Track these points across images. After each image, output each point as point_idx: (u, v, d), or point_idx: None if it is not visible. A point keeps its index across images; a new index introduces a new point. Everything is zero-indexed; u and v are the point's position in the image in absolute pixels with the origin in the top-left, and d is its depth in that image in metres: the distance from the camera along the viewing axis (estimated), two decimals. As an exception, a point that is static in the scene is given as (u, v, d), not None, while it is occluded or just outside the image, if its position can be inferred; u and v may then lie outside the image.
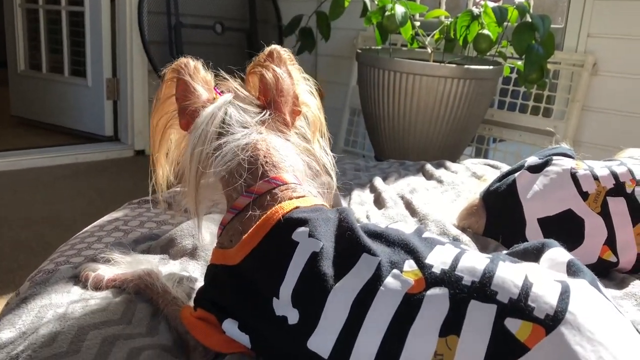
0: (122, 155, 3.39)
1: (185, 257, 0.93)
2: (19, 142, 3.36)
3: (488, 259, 0.60)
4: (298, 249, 0.63)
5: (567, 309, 0.54)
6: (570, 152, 1.17)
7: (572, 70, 2.70)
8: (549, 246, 0.69)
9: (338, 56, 3.48)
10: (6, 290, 1.89)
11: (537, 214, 1.05)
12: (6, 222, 2.40)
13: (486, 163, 1.61)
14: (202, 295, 0.72)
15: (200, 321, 0.70)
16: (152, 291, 0.78)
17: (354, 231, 0.64)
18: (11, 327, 0.74)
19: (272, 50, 0.83)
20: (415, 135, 2.58)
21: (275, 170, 0.72)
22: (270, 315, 0.63)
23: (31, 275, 0.92)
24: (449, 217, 1.17)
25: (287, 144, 0.78)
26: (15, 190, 2.79)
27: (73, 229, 2.38)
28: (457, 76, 2.42)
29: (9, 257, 2.13)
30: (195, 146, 0.72)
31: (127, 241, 0.97)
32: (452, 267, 0.59)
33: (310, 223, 0.65)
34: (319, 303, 0.60)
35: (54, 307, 0.77)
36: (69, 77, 3.61)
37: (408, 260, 0.61)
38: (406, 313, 0.57)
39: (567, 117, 2.69)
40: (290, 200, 0.69)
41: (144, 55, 3.26)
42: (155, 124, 0.82)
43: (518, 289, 0.55)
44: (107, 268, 0.84)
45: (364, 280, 0.60)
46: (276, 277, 0.63)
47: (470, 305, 0.55)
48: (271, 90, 0.80)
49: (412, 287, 0.58)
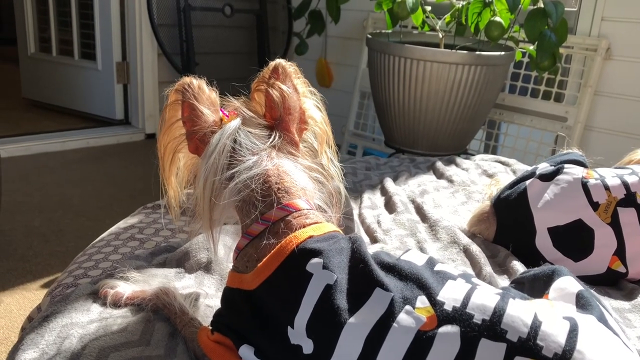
0: (133, 139, 3.41)
1: (201, 270, 0.95)
2: (30, 126, 3.39)
3: (498, 296, 0.61)
4: (312, 281, 0.65)
5: (575, 347, 0.56)
6: (582, 158, 1.17)
7: (585, 54, 2.67)
8: (559, 274, 0.70)
9: (348, 38, 3.45)
10: (23, 279, 1.93)
11: (548, 224, 1.06)
12: (18, 208, 2.44)
13: (496, 159, 1.61)
14: (219, 318, 0.74)
15: (218, 345, 0.72)
16: (170, 311, 0.80)
17: (367, 264, 0.66)
18: (35, 348, 0.76)
19: (276, 65, 0.81)
20: (425, 121, 2.57)
21: (288, 196, 0.73)
22: (286, 343, 0.65)
23: (51, 289, 0.94)
24: (459, 223, 1.18)
25: (297, 166, 0.78)
26: (26, 176, 2.82)
27: (85, 214, 2.43)
28: (468, 62, 2.40)
29: (23, 244, 2.16)
30: (207, 178, 0.73)
31: (144, 254, 0.99)
32: (463, 304, 0.60)
33: (324, 254, 0.66)
34: (333, 336, 0.62)
35: (75, 326, 0.79)
36: (79, 60, 3.62)
37: (420, 297, 0.62)
38: (418, 350, 0.58)
39: (579, 102, 2.67)
40: (303, 228, 0.70)
41: (153, 39, 3.25)
42: (163, 147, 0.81)
43: (527, 328, 0.57)
44: (125, 284, 0.86)
45: (378, 316, 0.61)
46: (291, 308, 0.65)
47: (481, 343, 0.57)
48: (278, 108, 0.79)
49: (425, 324, 0.60)
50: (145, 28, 3.26)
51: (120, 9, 3.35)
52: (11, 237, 2.21)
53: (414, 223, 1.16)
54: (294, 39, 3.56)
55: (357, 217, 1.22)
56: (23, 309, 1.78)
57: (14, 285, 1.90)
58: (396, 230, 1.14)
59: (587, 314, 0.62)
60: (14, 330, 1.68)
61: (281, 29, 3.75)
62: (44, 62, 3.75)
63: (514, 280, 0.77)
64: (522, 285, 0.74)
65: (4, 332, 1.66)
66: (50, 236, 2.24)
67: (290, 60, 2.87)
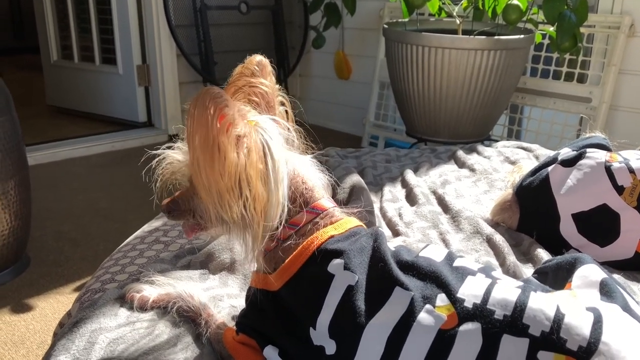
0: (157, 141, 3.45)
1: (224, 271, 0.96)
2: (56, 132, 3.45)
3: (519, 290, 0.61)
4: (334, 282, 0.65)
5: (600, 339, 0.55)
6: (605, 141, 1.15)
7: (607, 33, 2.61)
8: (582, 262, 0.69)
9: (364, 29, 3.44)
10: (56, 284, 1.98)
11: (571, 210, 1.05)
12: (48, 215, 2.49)
13: (518, 145, 1.59)
14: (244, 319, 0.75)
15: (243, 345, 0.73)
16: (195, 313, 0.81)
17: (387, 263, 0.66)
18: (66, 353, 0.78)
19: (261, 61, 0.79)
20: (446, 109, 2.55)
21: (313, 197, 0.73)
22: (309, 344, 0.66)
23: (79, 295, 0.96)
24: (482, 212, 1.17)
25: (308, 161, 0.76)
26: (54, 182, 2.88)
27: (113, 218, 2.47)
28: (487, 48, 2.37)
29: (54, 249, 2.21)
30: (278, 181, 0.67)
31: (168, 257, 1.01)
32: (483, 300, 0.60)
33: (345, 254, 0.67)
34: (354, 337, 0.62)
35: (104, 331, 0.81)
36: (100, 65, 3.67)
37: (440, 295, 0.62)
38: (440, 349, 0.58)
39: (603, 82, 2.62)
40: (325, 227, 0.70)
41: (171, 40, 3.28)
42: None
43: (550, 322, 0.56)
44: (151, 288, 0.88)
45: (398, 316, 0.61)
46: (313, 308, 0.66)
47: (503, 339, 0.57)
48: (274, 106, 0.78)
49: (445, 322, 0.60)
50: (163, 30, 3.29)
51: (138, 13, 3.39)
52: (43, 243, 2.26)
53: (435, 214, 1.16)
54: (311, 32, 3.56)
55: (378, 210, 1.22)
56: (57, 312, 1.82)
57: (47, 290, 1.95)
58: (418, 222, 1.14)
59: (611, 302, 0.61)
60: (49, 333, 1.72)
61: (297, 23, 3.75)
62: (67, 69, 3.81)
63: (537, 270, 0.76)
64: (545, 275, 0.73)
65: (40, 336, 1.70)
66: (80, 241, 2.29)
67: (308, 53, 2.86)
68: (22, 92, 4.38)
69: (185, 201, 0.76)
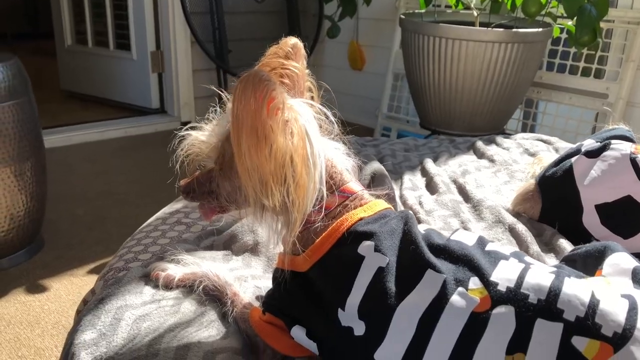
0: (169, 127, 3.45)
1: (247, 253, 0.96)
2: (70, 117, 3.46)
3: (553, 275, 0.61)
4: (364, 263, 0.65)
5: (636, 325, 0.55)
6: (629, 133, 1.14)
7: (627, 28, 2.59)
8: (612, 250, 0.69)
9: (380, 19, 3.42)
10: (70, 266, 1.99)
11: (595, 201, 1.04)
12: (62, 198, 2.50)
13: (538, 138, 1.59)
14: (271, 300, 0.75)
15: (269, 325, 0.73)
16: (221, 293, 0.82)
17: (418, 245, 0.66)
18: (92, 329, 0.79)
19: (295, 44, 0.78)
20: (462, 102, 2.54)
21: (342, 180, 0.73)
22: (337, 325, 0.66)
23: (103, 273, 0.97)
24: (503, 202, 1.17)
25: (332, 145, 0.75)
26: (68, 166, 2.89)
27: (127, 202, 2.48)
28: (505, 40, 2.36)
29: (67, 233, 2.22)
30: (316, 162, 0.66)
31: (191, 237, 1.01)
32: (517, 284, 0.60)
33: (375, 236, 0.67)
34: (385, 318, 0.62)
35: (130, 308, 0.81)
36: (114, 50, 3.67)
37: (473, 278, 0.62)
38: (473, 331, 0.58)
39: (621, 78, 2.60)
40: (355, 209, 0.70)
41: (186, 27, 3.28)
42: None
43: (585, 307, 0.56)
44: (176, 267, 0.88)
45: (430, 298, 0.61)
46: (342, 289, 0.66)
47: (537, 323, 0.57)
48: (303, 91, 0.77)
49: (478, 305, 0.60)
50: (178, 17, 3.28)
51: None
52: (57, 225, 2.28)
53: (456, 203, 1.16)
54: (325, 21, 3.55)
55: (398, 198, 1.22)
56: (71, 294, 1.84)
57: (62, 272, 1.96)
58: (439, 210, 1.14)
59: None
60: (64, 314, 1.73)
61: (312, 12, 3.74)
62: (81, 53, 3.82)
63: (565, 258, 0.76)
64: (574, 263, 0.73)
65: (55, 317, 1.72)
66: (94, 224, 2.30)
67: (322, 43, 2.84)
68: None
69: (205, 182, 0.75)
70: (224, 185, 0.73)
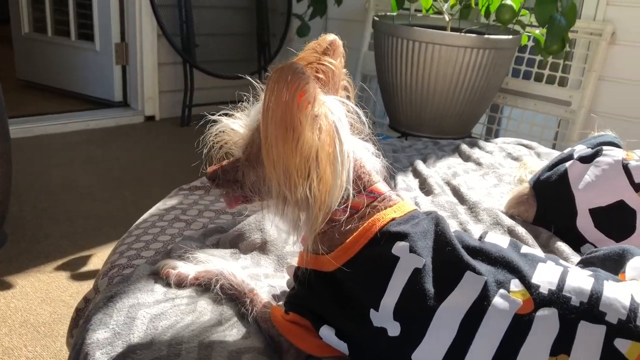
0: (132, 121, 3.37)
1: (256, 251, 0.95)
2: (29, 108, 3.33)
3: (592, 279, 0.62)
4: (399, 264, 0.65)
5: None
6: (616, 140, 1.19)
7: (589, 39, 2.69)
8: (631, 253, 0.71)
9: (350, 20, 3.44)
10: (36, 261, 1.91)
11: (589, 205, 1.08)
12: (25, 190, 2.41)
13: (519, 142, 1.63)
14: (294, 299, 0.74)
15: (294, 325, 0.72)
16: (239, 292, 0.80)
17: (454, 247, 0.66)
18: (105, 327, 0.76)
19: (334, 40, 0.79)
20: (432, 104, 2.58)
21: (370, 181, 0.73)
22: (368, 325, 0.66)
23: (105, 270, 0.94)
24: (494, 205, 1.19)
25: (362, 145, 0.76)
26: (30, 158, 2.79)
27: (91, 196, 2.41)
28: (477, 46, 2.41)
29: (32, 225, 2.14)
30: (344, 160, 0.66)
31: (195, 235, 0.99)
32: (559, 287, 0.61)
33: (409, 237, 0.67)
34: (423, 320, 0.63)
35: (142, 306, 0.79)
36: (76, 40, 3.55)
37: (513, 280, 0.63)
38: (517, 333, 0.59)
39: (583, 87, 2.70)
40: (385, 210, 0.70)
41: (153, 19, 3.21)
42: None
43: (626, 310, 0.58)
44: (186, 265, 0.86)
45: (471, 300, 0.62)
46: (377, 290, 0.65)
47: (580, 325, 0.58)
48: (338, 89, 0.78)
49: (521, 307, 0.60)
50: (145, 8, 3.21)
51: (119, -11, 3.30)
52: (21, 218, 2.19)
53: (453, 205, 1.17)
54: (294, 20, 3.54)
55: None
56: (38, 291, 1.77)
57: (27, 268, 1.88)
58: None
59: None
60: (32, 312, 1.66)
61: (280, 10, 3.72)
62: (39, 42, 3.67)
63: (582, 260, 0.78)
64: (592, 265, 0.75)
65: (22, 315, 1.65)
66: (59, 217, 2.22)
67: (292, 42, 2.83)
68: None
69: (231, 171, 0.75)
70: (249, 174, 0.73)
